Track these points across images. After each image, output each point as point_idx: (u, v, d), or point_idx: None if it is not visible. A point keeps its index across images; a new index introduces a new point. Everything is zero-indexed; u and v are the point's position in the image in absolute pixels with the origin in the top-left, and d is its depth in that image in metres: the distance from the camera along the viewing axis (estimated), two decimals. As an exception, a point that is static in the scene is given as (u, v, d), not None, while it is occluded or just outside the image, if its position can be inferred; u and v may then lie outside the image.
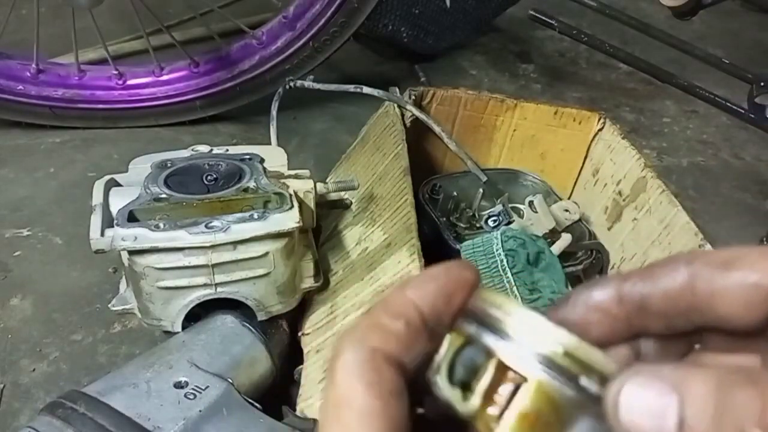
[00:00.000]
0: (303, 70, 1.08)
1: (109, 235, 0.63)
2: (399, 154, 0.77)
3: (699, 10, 1.01)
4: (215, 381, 0.58)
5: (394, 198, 0.72)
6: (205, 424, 0.55)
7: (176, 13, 1.40)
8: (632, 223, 0.80)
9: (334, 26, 1.06)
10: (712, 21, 1.68)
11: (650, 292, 0.26)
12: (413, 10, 1.27)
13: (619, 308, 0.26)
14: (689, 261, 0.25)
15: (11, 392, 0.71)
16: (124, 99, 1.10)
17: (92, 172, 1.00)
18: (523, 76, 1.43)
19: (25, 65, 1.06)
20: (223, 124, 1.15)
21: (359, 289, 0.68)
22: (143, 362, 0.60)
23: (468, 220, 0.82)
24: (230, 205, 0.67)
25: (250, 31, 1.11)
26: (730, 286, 0.24)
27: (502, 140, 0.93)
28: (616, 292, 0.26)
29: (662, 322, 0.26)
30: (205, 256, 0.62)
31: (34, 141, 1.08)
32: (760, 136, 1.22)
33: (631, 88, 1.41)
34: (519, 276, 0.68)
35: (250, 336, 0.65)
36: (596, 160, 0.90)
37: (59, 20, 1.24)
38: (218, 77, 1.10)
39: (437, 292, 0.25)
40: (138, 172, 0.73)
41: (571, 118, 0.90)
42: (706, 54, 1.11)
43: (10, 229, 0.91)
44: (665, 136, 1.28)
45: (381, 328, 0.24)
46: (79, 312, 0.80)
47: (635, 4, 1.70)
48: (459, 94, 0.89)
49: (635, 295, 0.26)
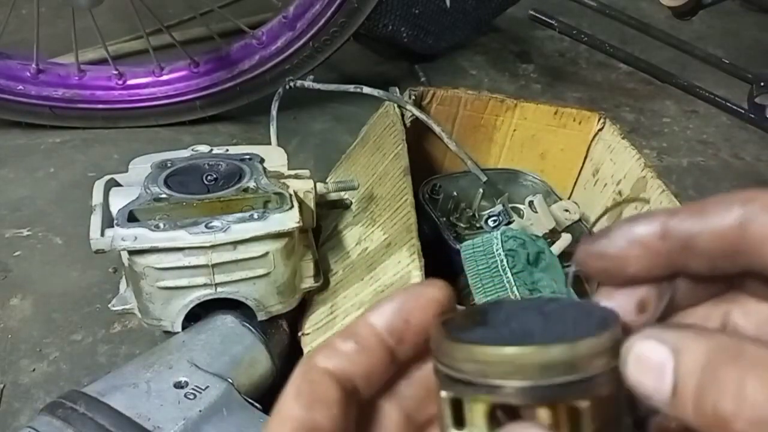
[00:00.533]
0: (303, 70, 1.08)
1: (109, 235, 0.63)
2: (399, 154, 0.77)
3: (699, 10, 1.01)
4: (215, 381, 0.58)
5: (394, 198, 0.72)
6: (205, 424, 0.55)
7: (176, 13, 1.40)
8: (632, 223, 0.80)
9: (334, 26, 1.06)
10: (712, 21, 1.68)
11: (698, 230, 0.25)
12: (413, 10, 1.27)
13: (662, 244, 0.26)
14: (745, 201, 0.24)
15: (11, 392, 0.71)
16: (124, 99, 1.10)
17: (92, 172, 1.00)
18: (523, 76, 1.43)
19: (25, 65, 1.06)
20: (223, 124, 1.15)
21: (359, 289, 0.68)
22: (143, 362, 0.60)
23: (468, 220, 0.82)
24: (230, 205, 0.67)
25: (250, 31, 1.11)
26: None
27: (502, 140, 0.93)
28: (661, 227, 0.26)
29: (706, 263, 0.25)
30: (205, 256, 0.62)
31: (34, 141, 1.08)
32: (760, 136, 1.22)
33: (631, 88, 1.41)
34: (519, 276, 0.68)
35: (250, 336, 0.65)
36: (596, 160, 0.90)
37: (59, 20, 1.24)
38: (218, 77, 1.10)
39: (393, 311, 0.26)
40: (138, 172, 0.73)
41: (571, 118, 0.90)
42: (706, 54, 1.11)
43: (10, 229, 0.91)
44: (665, 136, 1.28)
45: (329, 347, 0.25)
46: (79, 312, 0.80)
47: (635, 4, 1.70)
48: (459, 94, 0.89)
49: (682, 231, 0.25)
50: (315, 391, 0.24)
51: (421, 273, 0.61)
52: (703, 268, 0.26)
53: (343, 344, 0.25)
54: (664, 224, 0.26)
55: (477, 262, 0.69)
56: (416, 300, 0.26)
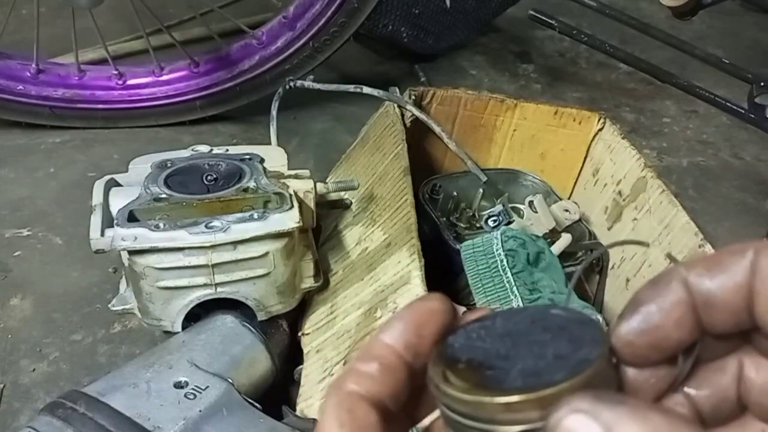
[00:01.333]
0: (303, 70, 1.08)
1: (109, 235, 0.63)
2: (399, 154, 0.77)
3: (699, 10, 1.01)
4: (215, 381, 0.58)
5: (394, 198, 0.72)
6: (205, 424, 0.55)
7: (176, 13, 1.40)
8: (632, 223, 0.80)
9: (334, 26, 1.06)
10: (712, 21, 1.68)
11: (716, 287, 0.25)
12: (413, 10, 1.27)
13: (690, 306, 0.25)
14: (755, 252, 0.24)
15: (11, 392, 0.71)
16: (124, 99, 1.10)
17: (92, 172, 1.00)
18: (523, 76, 1.43)
19: (25, 65, 1.06)
20: (223, 124, 1.15)
21: (359, 289, 0.68)
22: (143, 362, 0.60)
23: (468, 220, 0.82)
24: (230, 205, 0.67)
25: (250, 31, 1.11)
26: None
27: (502, 140, 0.93)
28: (684, 288, 0.25)
29: (730, 318, 0.25)
30: (205, 256, 0.62)
31: (34, 141, 1.08)
32: (760, 136, 1.22)
33: (631, 88, 1.41)
34: (519, 276, 0.68)
35: (250, 336, 0.65)
36: (596, 160, 0.90)
37: (59, 20, 1.24)
38: (218, 77, 1.10)
39: (405, 328, 0.27)
40: (138, 172, 0.73)
41: (571, 118, 0.90)
42: (706, 54, 1.11)
43: (10, 229, 0.91)
44: (665, 136, 1.28)
45: (355, 372, 0.26)
46: (79, 312, 0.80)
47: (635, 4, 1.70)
48: (459, 94, 0.89)
49: (702, 289, 0.25)
50: (356, 418, 0.25)
51: (421, 273, 0.61)
52: (728, 325, 0.25)
53: (366, 367, 0.26)
54: (686, 284, 0.25)
55: (477, 262, 0.69)
56: (424, 314, 0.27)
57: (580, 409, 0.21)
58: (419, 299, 0.28)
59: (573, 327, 0.26)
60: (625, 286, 0.79)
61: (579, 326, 0.26)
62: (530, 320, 0.27)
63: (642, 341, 0.26)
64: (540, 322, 0.27)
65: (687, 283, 0.25)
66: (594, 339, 0.25)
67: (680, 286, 0.25)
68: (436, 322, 0.27)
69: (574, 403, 0.21)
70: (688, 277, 0.25)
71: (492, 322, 0.28)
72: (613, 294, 0.82)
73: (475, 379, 0.25)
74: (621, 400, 0.21)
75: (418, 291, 0.59)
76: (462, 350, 0.27)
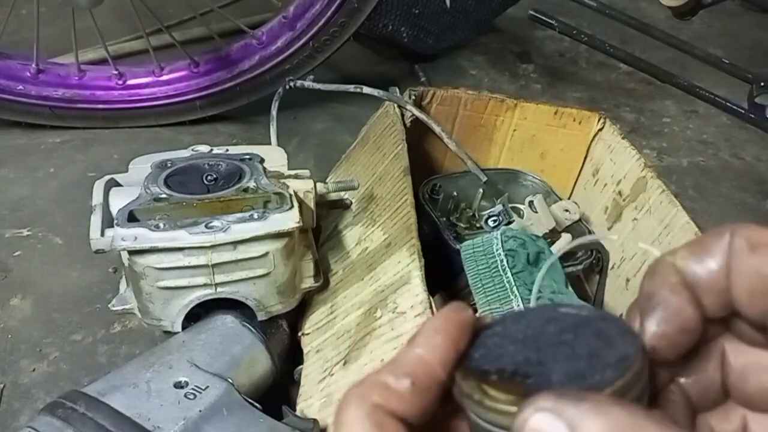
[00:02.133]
0: (303, 70, 1.08)
1: (109, 235, 0.63)
2: (399, 154, 0.77)
3: (699, 10, 1.01)
4: (215, 381, 0.58)
5: (394, 198, 0.72)
6: (205, 424, 0.55)
7: (176, 13, 1.40)
8: (632, 223, 0.80)
9: (334, 26, 1.06)
10: (712, 21, 1.68)
11: (700, 271, 0.25)
12: (413, 10, 1.27)
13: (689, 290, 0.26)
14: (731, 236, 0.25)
15: (11, 392, 0.71)
16: (124, 99, 1.10)
17: (92, 172, 1.00)
18: (523, 76, 1.43)
19: (25, 65, 1.06)
20: (223, 124, 1.15)
21: (359, 289, 0.68)
22: (143, 362, 0.60)
23: (468, 220, 0.82)
24: (230, 205, 0.67)
25: (250, 31, 1.11)
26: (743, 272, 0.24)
27: (502, 140, 0.93)
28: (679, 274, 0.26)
29: (719, 300, 0.25)
30: (205, 256, 0.62)
31: (34, 141, 1.08)
32: (760, 136, 1.22)
33: (631, 88, 1.41)
34: (519, 276, 0.68)
35: (250, 336, 0.65)
36: (596, 160, 0.90)
37: (59, 20, 1.24)
38: (218, 77, 1.10)
39: (444, 343, 0.26)
40: (138, 172, 0.73)
41: (571, 118, 0.90)
42: (706, 54, 1.11)
43: (10, 229, 0.91)
44: (665, 136, 1.28)
45: (384, 387, 0.25)
46: (79, 312, 0.80)
47: (635, 4, 1.70)
48: (459, 94, 0.89)
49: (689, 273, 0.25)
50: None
51: (421, 273, 0.61)
52: (717, 306, 0.25)
53: (398, 384, 0.25)
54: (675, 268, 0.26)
55: (477, 262, 0.69)
56: (462, 327, 0.26)
57: (544, 407, 0.21)
58: (450, 309, 0.27)
59: (594, 324, 0.26)
60: (625, 286, 0.79)
61: (600, 322, 0.26)
62: (543, 322, 0.26)
63: (672, 329, 0.26)
64: (554, 323, 0.26)
65: (676, 267, 0.26)
66: (622, 333, 0.25)
67: (671, 269, 0.26)
68: (468, 335, 0.26)
69: (538, 403, 0.22)
70: (675, 261, 0.26)
71: (503, 328, 0.27)
72: (613, 294, 0.82)
73: (518, 389, 0.24)
74: (583, 396, 0.21)
75: (418, 291, 0.59)
76: (486, 361, 0.25)
